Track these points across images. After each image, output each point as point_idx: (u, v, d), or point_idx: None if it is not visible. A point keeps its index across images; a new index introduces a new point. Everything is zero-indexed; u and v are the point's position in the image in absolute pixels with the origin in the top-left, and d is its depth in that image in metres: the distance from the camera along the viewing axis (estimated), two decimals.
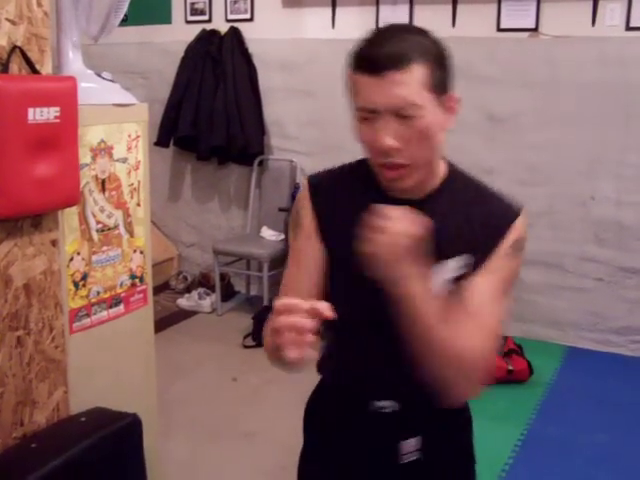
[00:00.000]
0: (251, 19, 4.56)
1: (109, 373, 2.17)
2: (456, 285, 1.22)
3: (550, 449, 2.86)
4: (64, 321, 1.98)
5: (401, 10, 4.02)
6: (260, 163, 4.66)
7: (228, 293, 4.70)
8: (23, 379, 1.85)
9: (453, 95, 1.19)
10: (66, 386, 2.00)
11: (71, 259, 2.00)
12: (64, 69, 2.07)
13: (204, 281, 4.80)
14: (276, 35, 4.45)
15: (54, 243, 1.91)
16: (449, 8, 3.96)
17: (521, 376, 3.44)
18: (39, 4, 1.78)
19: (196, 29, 4.63)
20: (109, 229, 2.13)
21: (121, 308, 2.22)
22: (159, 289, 4.65)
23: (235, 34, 4.53)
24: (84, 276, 2.05)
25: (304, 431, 1.47)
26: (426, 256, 1.13)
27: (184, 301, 4.62)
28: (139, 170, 2.22)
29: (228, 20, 4.61)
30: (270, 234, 4.51)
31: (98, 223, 2.08)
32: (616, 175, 3.74)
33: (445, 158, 1.29)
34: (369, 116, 1.15)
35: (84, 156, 1.98)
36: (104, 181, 2.09)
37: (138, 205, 2.24)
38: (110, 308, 2.17)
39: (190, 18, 4.75)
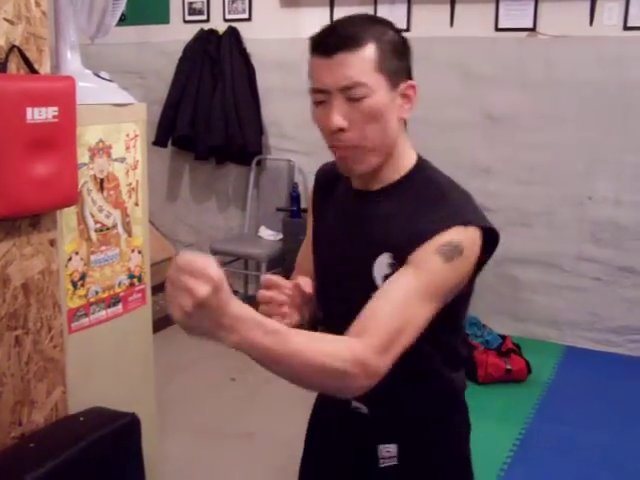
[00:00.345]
0: (249, 19, 4.56)
1: (107, 373, 2.17)
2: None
3: (548, 448, 2.86)
4: (62, 321, 1.98)
5: (399, 9, 4.02)
6: (258, 163, 4.66)
7: None
8: (21, 379, 1.85)
9: (410, 83, 1.19)
10: (64, 386, 2.00)
11: (69, 259, 2.00)
12: (62, 69, 2.07)
13: None
14: (274, 35, 4.45)
15: (52, 243, 1.91)
16: (447, 8, 3.96)
17: (519, 375, 3.44)
18: (37, 4, 1.78)
19: (194, 29, 4.63)
20: (107, 229, 2.13)
21: (119, 308, 2.22)
22: (157, 289, 4.59)
23: (233, 34, 4.53)
24: (82, 276, 2.05)
25: (306, 432, 1.50)
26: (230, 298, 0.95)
27: None
28: (137, 170, 2.22)
29: (226, 20, 4.61)
30: (268, 234, 4.51)
31: (96, 223, 2.08)
32: (614, 175, 3.74)
33: (417, 154, 1.26)
34: (321, 98, 1.17)
35: (82, 156, 1.98)
36: (102, 181, 2.09)
37: (136, 205, 2.24)
38: (108, 308, 2.17)
39: (188, 18, 4.75)
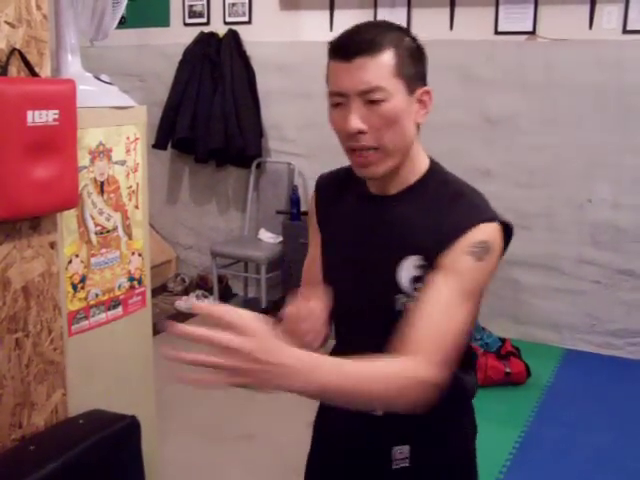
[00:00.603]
0: (249, 22, 4.57)
1: (107, 375, 2.17)
2: (416, 285, 1.19)
3: (548, 451, 2.86)
4: (63, 323, 1.98)
5: (399, 13, 4.03)
6: (258, 166, 4.66)
7: (226, 295, 4.70)
8: (22, 381, 1.85)
9: (426, 89, 1.21)
10: (64, 388, 2.00)
11: (70, 261, 2.00)
12: (63, 72, 2.08)
13: (202, 283, 4.80)
14: (274, 38, 4.46)
15: (53, 245, 1.91)
16: (447, 11, 3.97)
17: (519, 378, 3.44)
18: (38, 7, 1.78)
19: (194, 32, 4.63)
20: (107, 231, 2.13)
21: (119, 310, 2.22)
22: (157, 291, 4.65)
23: (233, 37, 4.54)
24: (82, 278, 2.06)
25: (312, 433, 1.49)
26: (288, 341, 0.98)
27: (182, 303, 4.61)
28: (137, 172, 2.23)
29: (226, 23, 4.62)
30: (268, 236, 4.51)
31: (97, 225, 2.09)
32: (613, 178, 3.74)
33: (429, 157, 1.28)
34: (339, 101, 1.18)
35: (83, 158, 1.98)
36: (103, 183, 2.09)
37: (136, 207, 2.24)
38: (108, 310, 2.17)
39: (188, 21, 4.76)
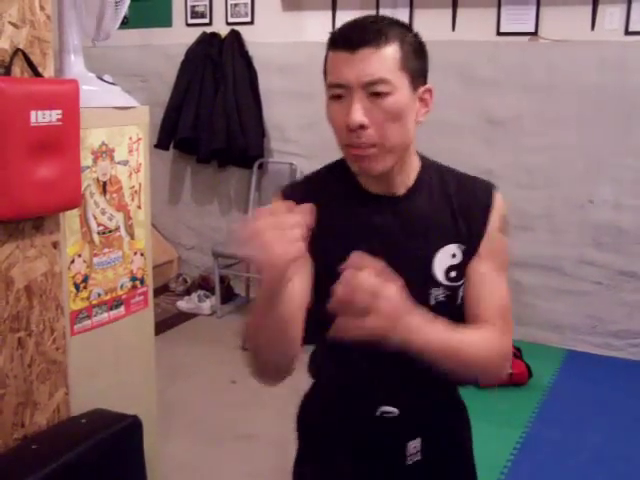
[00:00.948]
0: (251, 22, 4.57)
1: (110, 375, 2.18)
2: (450, 274, 1.22)
3: (549, 452, 2.86)
4: (65, 323, 1.98)
5: (401, 13, 4.02)
6: (260, 166, 4.66)
7: (228, 295, 4.71)
8: (24, 380, 1.86)
9: (428, 87, 1.19)
10: (67, 388, 2.00)
11: (72, 261, 2.01)
12: (66, 72, 2.08)
13: (204, 283, 4.81)
14: (276, 38, 4.46)
15: (55, 245, 1.92)
16: (449, 12, 3.97)
17: (520, 379, 3.44)
18: (42, 7, 1.79)
19: (196, 32, 4.63)
20: (110, 231, 2.14)
21: (122, 310, 2.22)
22: (159, 291, 4.65)
23: (235, 37, 4.54)
24: (85, 278, 2.06)
25: (299, 432, 1.45)
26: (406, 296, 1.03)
27: (184, 303, 4.62)
28: (140, 172, 2.23)
29: (228, 23, 4.62)
30: None
31: (99, 225, 2.09)
32: (615, 179, 3.75)
33: (418, 152, 1.27)
34: (340, 93, 1.14)
35: (85, 159, 1.99)
36: (105, 183, 2.10)
37: (139, 207, 2.25)
38: (111, 310, 2.18)
39: (190, 21, 4.76)
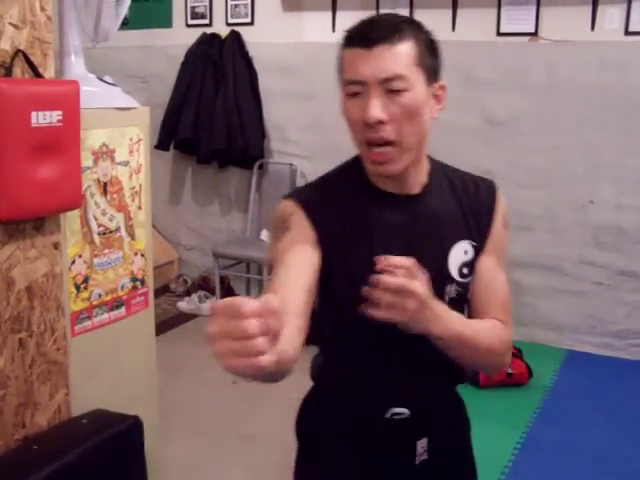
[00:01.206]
0: (251, 23, 4.57)
1: (110, 375, 2.18)
2: (462, 270, 1.27)
3: (550, 452, 2.86)
4: (66, 323, 1.99)
5: (401, 13, 4.02)
6: (260, 166, 4.67)
7: (228, 296, 4.58)
8: (25, 381, 1.86)
9: (442, 83, 1.21)
10: (67, 388, 2.01)
11: (73, 262, 2.01)
12: (66, 73, 2.09)
13: (204, 284, 4.81)
14: (276, 39, 4.47)
15: (56, 246, 1.92)
16: (449, 12, 3.97)
17: (520, 379, 3.44)
18: (42, 9, 1.79)
19: (197, 33, 4.64)
20: (110, 232, 2.14)
21: (122, 311, 2.23)
22: (159, 292, 4.65)
23: (236, 38, 4.54)
24: (86, 279, 2.06)
25: (299, 434, 1.44)
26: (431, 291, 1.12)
27: (184, 304, 4.62)
28: (140, 173, 2.23)
29: (229, 24, 4.62)
30: None
31: (100, 226, 2.09)
32: (615, 179, 3.75)
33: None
34: (357, 90, 1.14)
35: (86, 159, 1.99)
36: (106, 184, 2.10)
37: (139, 208, 2.25)
38: (111, 311, 2.18)
39: (191, 22, 4.76)
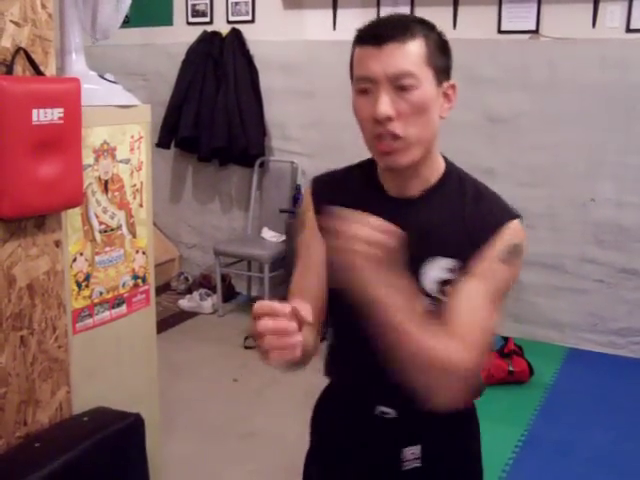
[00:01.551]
0: (252, 21, 4.57)
1: (112, 373, 2.18)
2: (444, 288, 1.19)
3: (551, 450, 2.87)
4: (67, 321, 1.99)
5: (402, 11, 4.02)
6: (261, 164, 4.67)
7: (229, 294, 4.71)
8: (26, 379, 1.86)
9: (452, 83, 1.21)
10: (69, 386, 2.01)
11: (74, 260, 2.01)
12: (67, 70, 2.09)
13: (205, 282, 4.81)
14: (277, 37, 4.46)
15: (57, 244, 1.92)
16: (450, 10, 3.97)
17: (522, 377, 3.45)
18: (43, 6, 1.79)
19: (197, 31, 4.64)
20: (112, 230, 2.14)
21: (123, 308, 2.23)
22: (160, 290, 4.65)
23: (236, 36, 4.54)
24: (87, 276, 2.06)
25: (310, 432, 1.46)
26: (399, 266, 1.04)
27: (185, 302, 4.62)
28: (142, 171, 2.23)
29: (229, 22, 4.62)
30: (271, 235, 4.52)
31: (101, 224, 2.09)
32: (616, 176, 3.74)
33: (444, 156, 1.28)
34: (367, 87, 1.16)
35: (87, 157, 1.99)
36: (107, 182, 2.10)
37: (140, 206, 2.25)
38: (113, 308, 2.18)
39: (191, 20, 4.76)
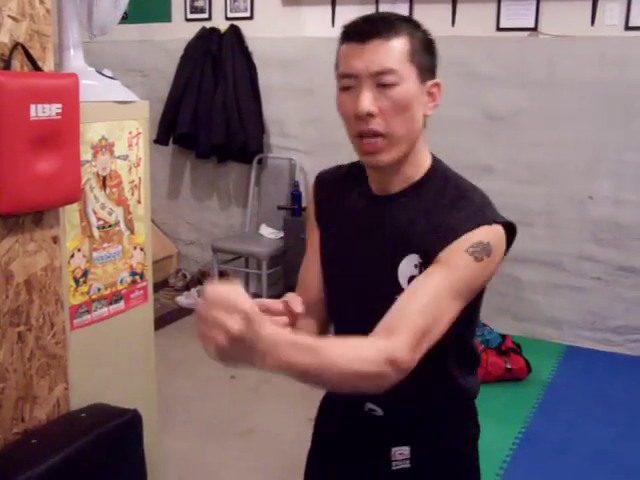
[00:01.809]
0: (251, 17, 4.56)
1: (109, 369, 2.18)
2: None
3: (548, 447, 2.87)
4: (65, 317, 1.98)
5: (401, 9, 4.02)
6: (259, 161, 4.66)
7: None
8: (24, 375, 1.86)
9: (437, 81, 1.21)
10: (66, 382, 2.00)
11: (72, 256, 2.01)
12: (65, 66, 2.08)
13: (203, 279, 4.81)
14: (276, 33, 4.46)
15: (55, 240, 1.91)
16: (449, 7, 3.97)
17: (519, 374, 3.45)
18: (41, 1, 1.79)
19: (196, 27, 4.63)
20: (110, 226, 2.14)
21: (121, 305, 2.22)
22: (158, 287, 4.65)
23: (235, 32, 4.54)
24: (85, 273, 2.06)
25: (313, 431, 1.47)
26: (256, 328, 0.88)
27: (183, 299, 4.62)
28: (140, 167, 2.23)
29: (228, 18, 4.61)
30: (269, 232, 4.52)
31: (99, 220, 2.09)
32: (614, 174, 3.74)
33: (431, 154, 1.27)
34: (350, 83, 1.16)
35: (85, 153, 1.99)
36: (105, 178, 2.10)
37: (139, 202, 2.24)
38: (110, 305, 2.18)
39: (190, 16, 4.75)
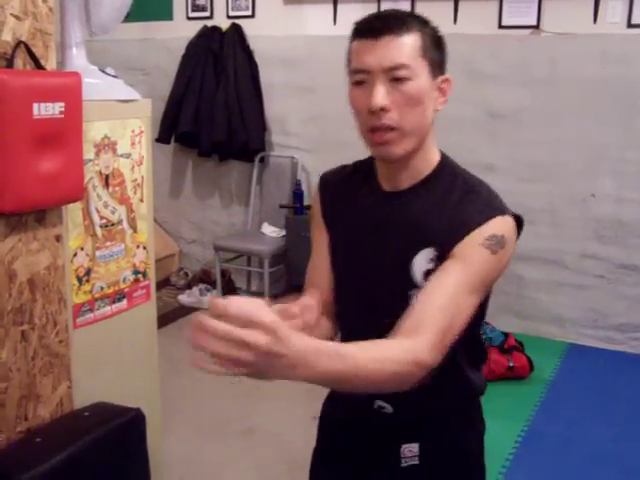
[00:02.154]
0: (252, 16, 4.56)
1: (112, 368, 2.18)
2: (429, 279, 1.18)
3: (551, 445, 2.87)
4: (68, 316, 1.98)
5: (403, 6, 4.00)
6: (261, 160, 4.66)
7: (229, 289, 4.71)
8: (27, 374, 1.86)
9: (447, 77, 1.23)
10: (70, 381, 2.00)
11: (75, 254, 2.01)
12: (68, 65, 2.08)
13: (205, 277, 4.81)
14: (277, 32, 4.45)
15: (58, 238, 1.91)
16: (451, 4, 3.96)
17: (522, 372, 3.45)
18: (44, 0, 1.78)
19: (197, 25, 4.63)
20: (112, 224, 2.14)
21: (124, 303, 2.22)
22: (160, 285, 4.65)
23: (236, 31, 4.53)
24: (88, 271, 2.06)
25: (317, 430, 1.48)
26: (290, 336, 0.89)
27: (185, 297, 4.62)
28: (142, 166, 2.23)
29: (229, 17, 4.61)
30: (271, 230, 4.52)
31: (102, 218, 2.09)
32: (617, 172, 3.74)
33: (440, 150, 1.29)
34: (362, 78, 1.18)
35: (88, 151, 1.98)
36: (108, 177, 2.10)
37: (141, 201, 2.24)
38: (113, 303, 2.18)
39: (191, 14, 4.75)
